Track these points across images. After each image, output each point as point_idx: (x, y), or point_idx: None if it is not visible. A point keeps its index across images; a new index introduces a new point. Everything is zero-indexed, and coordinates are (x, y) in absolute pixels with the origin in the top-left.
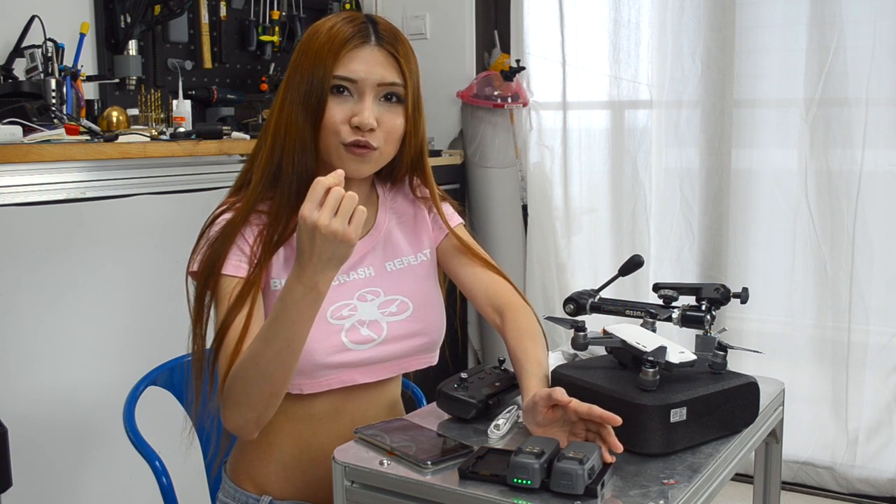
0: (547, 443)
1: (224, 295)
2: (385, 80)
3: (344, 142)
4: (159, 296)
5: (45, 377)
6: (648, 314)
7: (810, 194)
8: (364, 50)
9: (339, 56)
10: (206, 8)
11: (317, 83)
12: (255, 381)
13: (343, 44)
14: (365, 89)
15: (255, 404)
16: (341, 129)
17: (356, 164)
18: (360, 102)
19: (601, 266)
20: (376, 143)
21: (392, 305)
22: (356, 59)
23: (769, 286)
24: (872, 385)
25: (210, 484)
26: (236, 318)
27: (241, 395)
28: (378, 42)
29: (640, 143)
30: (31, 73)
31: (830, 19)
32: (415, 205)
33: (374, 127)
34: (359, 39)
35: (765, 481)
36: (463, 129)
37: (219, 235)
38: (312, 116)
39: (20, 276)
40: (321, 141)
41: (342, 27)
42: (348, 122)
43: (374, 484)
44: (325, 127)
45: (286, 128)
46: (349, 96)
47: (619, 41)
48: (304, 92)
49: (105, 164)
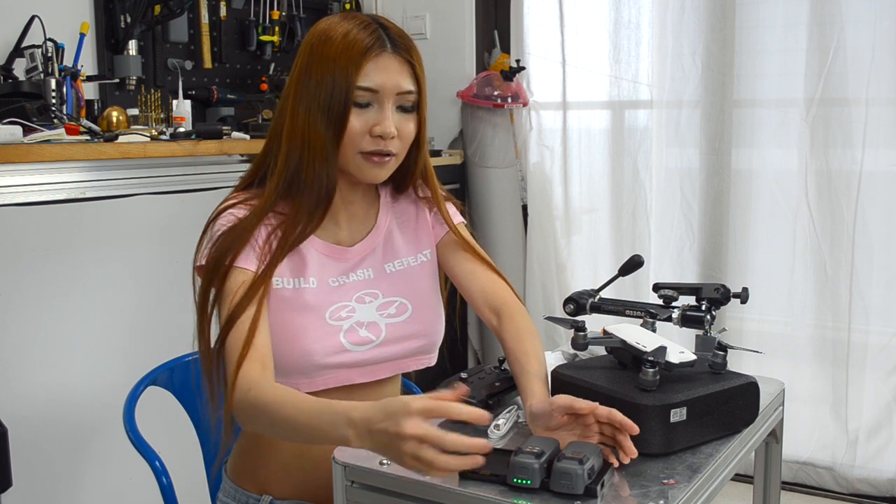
0: (547, 443)
1: (232, 287)
2: (402, 89)
3: (363, 151)
4: (159, 296)
5: (45, 377)
6: (648, 314)
7: (810, 194)
8: (383, 59)
9: (361, 66)
10: (206, 8)
11: (339, 93)
12: (269, 428)
13: (363, 53)
14: (385, 98)
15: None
16: (362, 138)
17: (376, 171)
18: (380, 112)
19: (601, 266)
20: (395, 149)
21: (391, 307)
22: (377, 68)
23: (769, 286)
24: (872, 385)
25: (210, 484)
26: (245, 312)
27: (256, 424)
28: (394, 50)
29: (640, 143)
30: (31, 73)
31: (830, 19)
32: (416, 205)
33: (396, 136)
34: (378, 49)
35: (765, 481)
36: (463, 129)
37: (228, 232)
38: (335, 126)
39: (20, 276)
40: (340, 149)
41: (358, 34)
42: (369, 131)
43: (374, 484)
44: (346, 136)
45: (305, 137)
46: (369, 105)
47: (619, 41)
48: (324, 101)
49: (105, 164)
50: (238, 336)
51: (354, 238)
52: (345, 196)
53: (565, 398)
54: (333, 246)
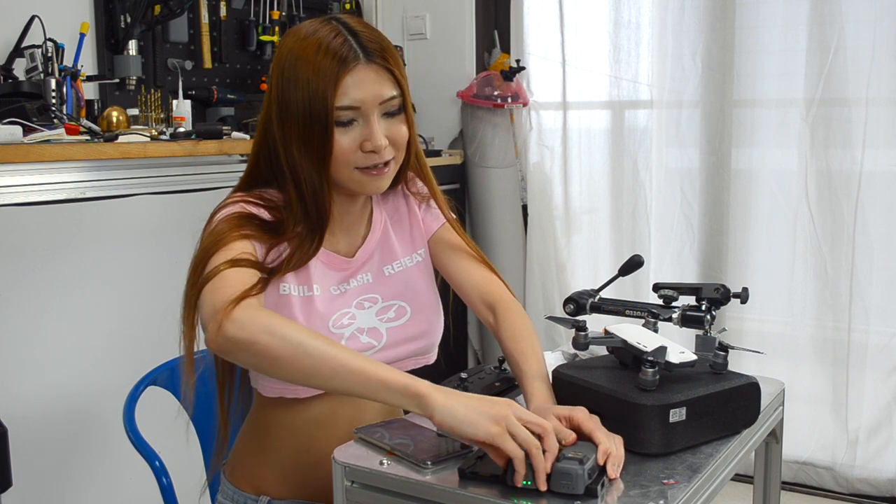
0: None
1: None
2: (384, 98)
3: (359, 167)
4: (159, 296)
5: (45, 377)
6: (650, 314)
7: (810, 194)
8: (358, 72)
9: (338, 84)
10: (206, 8)
11: (318, 117)
12: (294, 356)
13: (336, 69)
14: (368, 112)
15: (281, 364)
16: (354, 156)
17: (376, 182)
18: (367, 126)
19: (601, 266)
20: (390, 156)
21: (390, 311)
22: (354, 84)
23: (769, 286)
24: (872, 385)
25: (210, 484)
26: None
27: (267, 351)
28: (369, 59)
29: (640, 143)
30: (31, 73)
31: (830, 19)
32: (407, 200)
33: (388, 144)
34: (352, 62)
35: (765, 481)
36: (463, 129)
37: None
38: (319, 152)
39: (20, 276)
40: (334, 171)
41: (328, 49)
42: (359, 147)
43: (374, 484)
44: (336, 158)
45: (294, 169)
46: (353, 122)
47: (619, 41)
48: (303, 127)
49: (105, 164)
50: (245, 276)
51: (353, 245)
52: (343, 208)
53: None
54: (333, 255)
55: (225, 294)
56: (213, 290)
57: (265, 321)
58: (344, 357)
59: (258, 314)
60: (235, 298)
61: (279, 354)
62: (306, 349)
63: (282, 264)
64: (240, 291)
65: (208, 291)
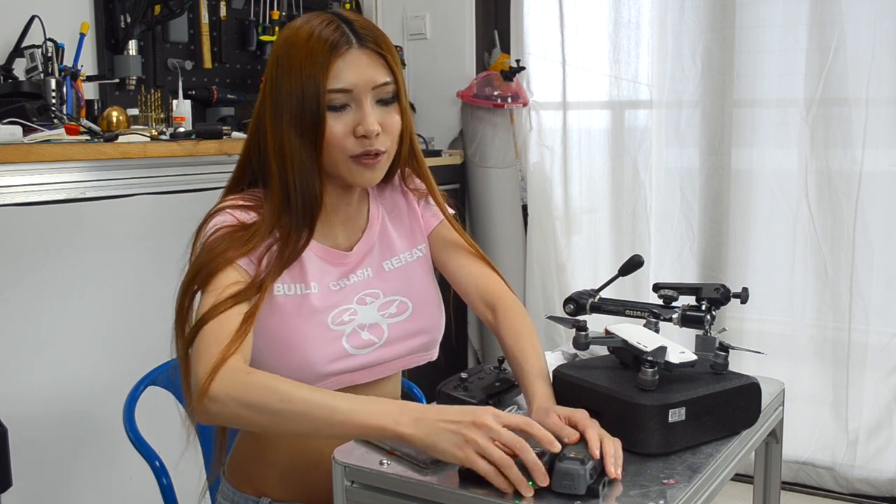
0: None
1: (225, 281)
2: (378, 82)
3: (352, 154)
4: (159, 296)
5: (45, 377)
6: (651, 314)
7: (810, 194)
8: (351, 55)
9: (329, 67)
10: (206, 8)
11: (310, 101)
12: (275, 410)
13: (329, 53)
14: (361, 96)
15: (264, 420)
16: (346, 142)
17: (368, 174)
18: (359, 110)
19: (601, 266)
20: (383, 146)
21: (392, 307)
22: (346, 67)
23: (769, 286)
24: (872, 385)
25: (210, 484)
26: (236, 307)
27: (250, 409)
28: (361, 44)
29: (640, 143)
30: (31, 73)
31: (830, 19)
32: (406, 196)
33: (380, 132)
34: (344, 46)
35: (765, 481)
36: (463, 129)
37: (228, 235)
38: (310, 136)
39: (20, 276)
40: (326, 157)
41: (321, 35)
42: (352, 133)
43: (374, 484)
44: (328, 144)
45: (284, 153)
46: (346, 107)
47: (619, 41)
48: (295, 112)
49: (105, 164)
50: (226, 326)
51: (351, 239)
52: (338, 200)
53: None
54: (331, 250)
55: (205, 360)
56: (196, 354)
57: (241, 395)
58: (320, 414)
59: (234, 387)
60: (213, 368)
61: (261, 424)
62: (285, 415)
63: (275, 265)
64: (217, 356)
65: (192, 355)
